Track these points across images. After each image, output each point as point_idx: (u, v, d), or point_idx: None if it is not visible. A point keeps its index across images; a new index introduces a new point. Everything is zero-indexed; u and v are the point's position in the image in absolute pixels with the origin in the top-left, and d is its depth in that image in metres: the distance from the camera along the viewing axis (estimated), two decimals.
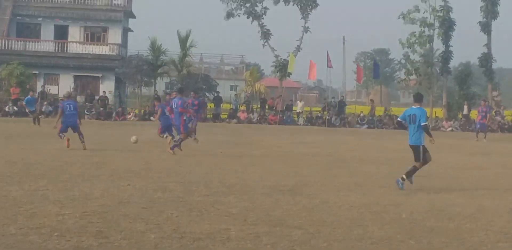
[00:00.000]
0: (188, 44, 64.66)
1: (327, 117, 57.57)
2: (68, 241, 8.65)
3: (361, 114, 58.37)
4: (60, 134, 23.61)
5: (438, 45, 65.90)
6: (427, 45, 64.15)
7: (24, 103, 46.58)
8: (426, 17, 63.51)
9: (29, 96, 45.56)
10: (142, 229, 9.55)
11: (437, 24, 63.82)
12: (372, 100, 67.32)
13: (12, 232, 9.08)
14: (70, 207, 11.09)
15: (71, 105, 24.51)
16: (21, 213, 10.44)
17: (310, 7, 70.28)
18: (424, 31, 63.28)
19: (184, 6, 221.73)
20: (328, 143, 31.49)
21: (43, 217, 10.16)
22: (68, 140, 23.30)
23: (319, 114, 59.69)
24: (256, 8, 70.58)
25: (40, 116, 44.97)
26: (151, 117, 53.48)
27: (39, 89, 59.64)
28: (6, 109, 54.89)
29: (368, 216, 11.33)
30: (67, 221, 9.97)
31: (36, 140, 27.79)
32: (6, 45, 63.54)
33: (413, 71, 64.57)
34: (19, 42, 64.07)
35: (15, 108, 54.26)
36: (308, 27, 70.24)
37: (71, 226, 9.61)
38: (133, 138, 25.72)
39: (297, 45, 69.43)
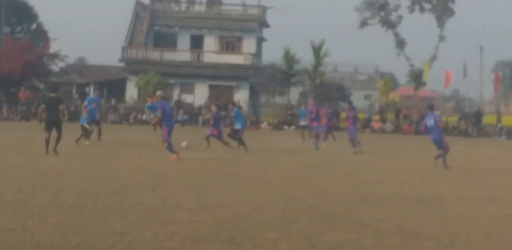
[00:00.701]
0: (321, 53, 64.66)
1: (464, 127, 56.41)
2: (201, 248, 8.74)
3: (499, 125, 56.91)
4: (170, 147, 22.12)
5: None
6: None
7: (147, 109, 46.42)
8: None
9: (149, 103, 44.96)
10: (274, 238, 9.53)
11: None
12: (498, 111, 65.59)
13: (147, 238, 9.23)
14: (203, 215, 11.19)
15: (168, 106, 22.88)
16: (155, 220, 10.60)
17: (447, 15, 69.22)
18: None
19: (318, 15, 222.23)
20: (465, 154, 30.80)
21: (177, 224, 10.29)
22: (178, 154, 21.91)
23: (456, 125, 58.59)
24: (390, 16, 70.07)
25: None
26: (285, 126, 53.71)
27: (175, 98, 60.79)
28: (143, 117, 56.22)
29: (505, 229, 10.98)
30: (200, 228, 10.06)
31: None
32: (144, 55, 65.09)
33: None
34: (156, 52, 65.52)
35: (151, 116, 55.42)
36: (444, 35, 69.20)
37: (204, 233, 9.69)
38: (184, 143, 25.64)
39: (433, 54, 68.48)
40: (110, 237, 9.21)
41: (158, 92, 23.71)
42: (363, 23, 70.87)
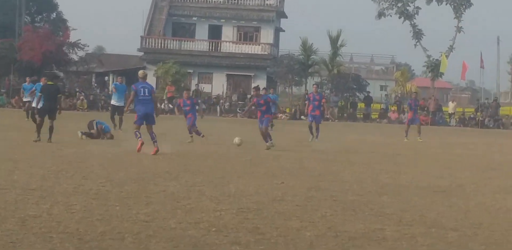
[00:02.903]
0: (338, 43, 64.61)
1: (481, 118, 56.29)
2: (225, 237, 8.82)
3: None
4: (137, 132, 20.03)
5: None
6: None
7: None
8: None
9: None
10: (297, 227, 9.63)
11: None
12: None
13: (172, 226, 9.33)
14: (226, 203, 11.30)
15: (146, 89, 20.10)
16: (179, 208, 10.71)
17: (464, 6, 69.01)
18: None
19: (335, 6, 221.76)
20: (482, 145, 30.83)
21: (200, 212, 10.39)
22: (142, 143, 19.79)
23: (472, 116, 58.45)
24: (408, 7, 69.88)
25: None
26: (302, 117, 53.70)
27: (193, 87, 60.97)
28: (162, 107, 56.41)
29: None
30: (224, 216, 10.17)
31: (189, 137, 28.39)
32: (163, 45, 65.32)
33: None
34: (174, 42, 65.74)
35: (170, 106, 55.68)
36: (461, 27, 69.02)
37: (228, 221, 9.80)
38: (236, 140, 23.81)
39: (450, 45, 68.30)
40: (135, 225, 9.32)
41: (140, 72, 21.17)
42: (380, 14, 70.72)
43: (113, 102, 30.94)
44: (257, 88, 24.45)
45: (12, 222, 9.16)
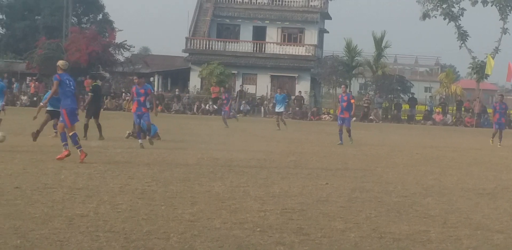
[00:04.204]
0: (383, 45, 64.34)
1: None
2: (270, 237, 8.87)
3: None
4: (65, 136, 16.82)
5: None
6: None
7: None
8: None
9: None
10: (341, 228, 9.64)
11: None
12: None
13: (216, 226, 9.40)
14: (270, 204, 11.35)
15: (71, 82, 17.06)
16: (224, 208, 10.78)
17: (510, 8, 68.26)
18: None
19: (380, 7, 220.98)
20: None
21: (245, 213, 10.45)
22: (68, 155, 16.35)
23: None
24: (453, 9, 69.28)
25: (238, 115, 46.09)
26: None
27: (237, 88, 61.17)
28: (207, 107, 56.71)
29: None
30: (269, 217, 10.21)
31: (231, 138, 28.50)
32: (207, 46, 65.55)
33: None
34: (219, 43, 65.91)
35: (215, 106, 55.92)
36: (507, 28, 68.30)
37: (273, 222, 9.84)
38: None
39: (495, 47, 67.64)
40: (180, 225, 9.40)
41: (62, 62, 17.60)
42: (425, 15, 70.18)
43: None
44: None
45: (60, 220, 9.29)
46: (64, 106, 16.78)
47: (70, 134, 16.62)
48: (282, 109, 37.79)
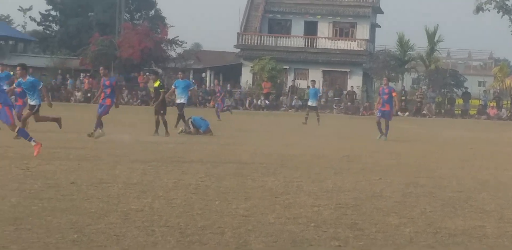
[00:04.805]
0: (435, 39, 63.85)
1: None
2: (324, 232, 8.85)
3: None
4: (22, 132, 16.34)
5: None
6: None
7: None
8: None
9: None
10: (396, 223, 9.59)
11: None
12: None
13: (271, 221, 9.41)
14: (324, 199, 11.33)
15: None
16: (278, 203, 10.79)
17: None
18: None
19: (432, 1, 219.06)
20: None
21: (299, 208, 10.45)
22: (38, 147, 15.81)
23: None
24: (507, 2, 68.42)
25: (290, 110, 46.06)
26: (398, 113, 53.31)
27: (289, 83, 61.19)
28: (258, 102, 56.82)
29: None
30: (323, 212, 10.20)
31: (282, 133, 28.51)
32: (259, 41, 65.65)
33: None
34: (270, 38, 66.00)
35: (267, 102, 56.02)
36: None
37: (327, 217, 9.82)
38: None
39: None
40: (234, 220, 9.42)
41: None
42: (478, 9, 69.43)
43: None
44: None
45: (115, 215, 9.38)
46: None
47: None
48: (315, 104, 37.15)
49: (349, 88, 60.54)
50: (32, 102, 19.24)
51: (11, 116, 16.03)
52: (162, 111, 23.51)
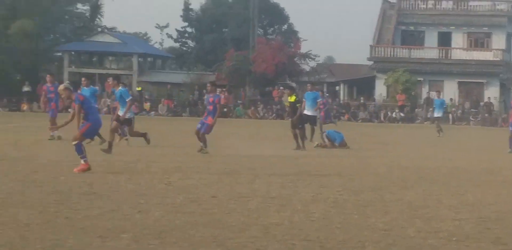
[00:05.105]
0: None
1: None
2: (467, 246, 8.73)
3: None
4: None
5: None
6: None
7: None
8: None
9: None
10: None
11: None
12: None
13: (411, 235, 9.33)
14: (465, 212, 11.16)
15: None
16: (417, 217, 10.69)
17: None
18: None
19: None
20: None
21: (439, 222, 10.32)
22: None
23: None
24: None
25: (425, 123, 45.42)
26: None
27: (424, 95, 60.50)
28: (393, 115, 56.39)
29: None
30: (464, 226, 10.04)
31: (418, 146, 28.21)
32: (392, 53, 65.23)
33: None
34: (404, 50, 65.45)
35: (402, 114, 55.54)
36: None
37: (469, 231, 9.66)
38: None
39: None
40: (374, 233, 9.38)
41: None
42: None
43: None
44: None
45: (256, 229, 9.49)
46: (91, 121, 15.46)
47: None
48: (441, 114, 36.71)
49: (485, 100, 59.35)
50: (126, 115, 19.68)
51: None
52: (300, 126, 23.59)
